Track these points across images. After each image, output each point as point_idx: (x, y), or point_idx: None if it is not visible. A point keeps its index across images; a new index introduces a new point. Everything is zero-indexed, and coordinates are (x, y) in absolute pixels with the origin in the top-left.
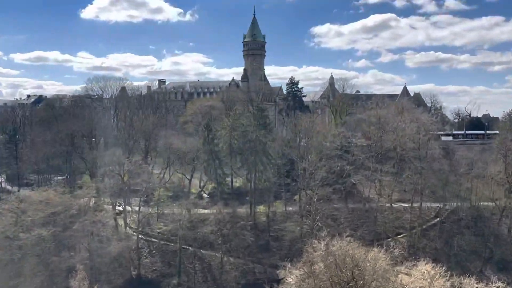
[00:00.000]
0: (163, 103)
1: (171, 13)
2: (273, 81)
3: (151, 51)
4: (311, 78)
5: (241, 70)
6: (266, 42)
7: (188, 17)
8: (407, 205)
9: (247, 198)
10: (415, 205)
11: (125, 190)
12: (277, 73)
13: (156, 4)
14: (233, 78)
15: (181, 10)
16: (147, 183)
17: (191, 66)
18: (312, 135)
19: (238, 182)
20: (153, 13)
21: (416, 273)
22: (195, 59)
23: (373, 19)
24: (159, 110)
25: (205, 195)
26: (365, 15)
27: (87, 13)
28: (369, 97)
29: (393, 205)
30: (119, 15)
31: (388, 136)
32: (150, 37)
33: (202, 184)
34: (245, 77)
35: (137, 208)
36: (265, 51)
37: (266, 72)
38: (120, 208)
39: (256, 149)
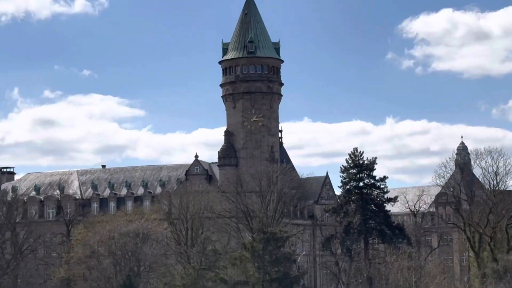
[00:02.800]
0: (10, 231)
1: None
2: (306, 162)
3: None
4: (408, 151)
5: (217, 135)
6: (283, 62)
7: (81, 5)
8: None
9: None
10: None
11: None
12: (316, 141)
13: None
14: (196, 157)
15: None
16: None
17: (88, 128)
18: None
19: None
20: None
21: None
22: (99, 110)
23: None
24: None
25: None
26: None
27: None
28: None
29: None
30: None
31: None
32: None
33: None
34: (228, 153)
35: None
36: (281, 85)
37: (287, 142)
38: None
39: None
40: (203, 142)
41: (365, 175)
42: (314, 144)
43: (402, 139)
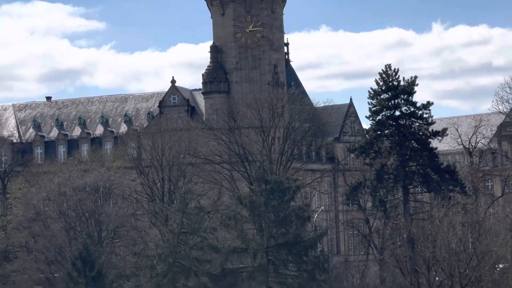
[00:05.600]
0: None
1: None
2: (322, 85)
3: None
4: (462, 68)
5: (201, 52)
6: None
7: None
8: None
9: None
10: None
11: None
12: (338, 57)
13: None
14: (173, 82)
15: None
16: None
17: (29, 48)
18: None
19: None
20: None
21: None
22: (44, 23)
23: None
24: None
25: None
26: None
27: None
28: None
29: None
30: None
31: None
32: None
33: None
34: (216, 76)
35: None
36: None
37: (296, 59)
38: None
39: None
40: (183, 62)
41: (402, 101)
42: (334, 61)
43: (454, 51)
